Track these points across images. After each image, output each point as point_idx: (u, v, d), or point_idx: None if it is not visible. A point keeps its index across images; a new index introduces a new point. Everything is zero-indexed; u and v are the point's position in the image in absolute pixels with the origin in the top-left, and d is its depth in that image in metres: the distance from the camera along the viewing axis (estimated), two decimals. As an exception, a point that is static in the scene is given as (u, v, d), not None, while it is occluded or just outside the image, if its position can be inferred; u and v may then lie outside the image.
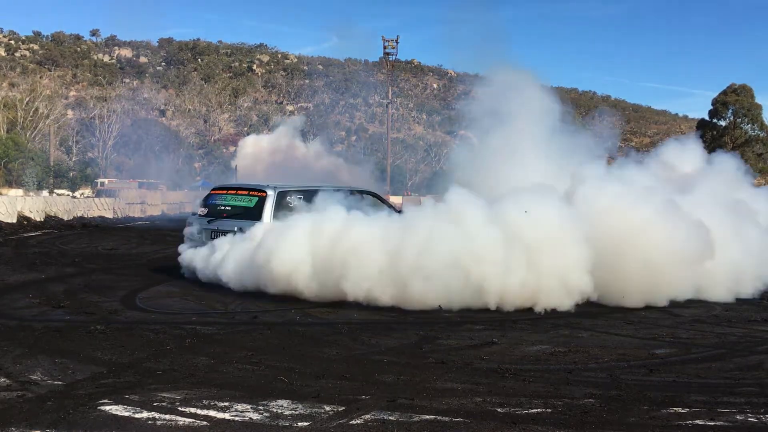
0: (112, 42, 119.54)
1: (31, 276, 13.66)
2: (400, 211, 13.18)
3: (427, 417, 5.35)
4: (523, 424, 5.23)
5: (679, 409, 5.68)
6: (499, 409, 5.59)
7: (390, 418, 5.32)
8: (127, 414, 5.33)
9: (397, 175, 75.63)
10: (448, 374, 6.67)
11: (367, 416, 5.35)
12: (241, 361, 7.07)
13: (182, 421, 5.21)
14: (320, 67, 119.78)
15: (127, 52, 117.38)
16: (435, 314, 10.00)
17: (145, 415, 5.31)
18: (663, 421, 5.37)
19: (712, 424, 5.34)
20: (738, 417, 5.53)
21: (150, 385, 6.10)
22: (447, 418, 5.33)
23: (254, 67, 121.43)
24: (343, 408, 5.54)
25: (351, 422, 5.23)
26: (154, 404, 5.57)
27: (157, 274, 13.89)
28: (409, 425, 5.17)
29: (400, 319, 9.65)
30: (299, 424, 5.17)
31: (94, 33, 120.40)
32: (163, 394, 5.84)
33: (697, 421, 5.39)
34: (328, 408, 5.54)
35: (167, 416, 5.29)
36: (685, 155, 16.06)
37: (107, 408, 5.46)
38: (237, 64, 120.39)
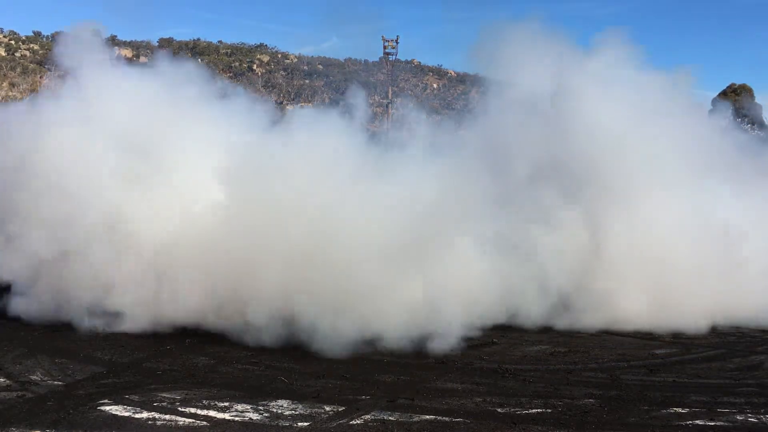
0: (112, 42, 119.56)
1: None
2: None
3: (427, 417, 5.35)
4: (523, 424, 5.23)
5: (679, 409, 5.68)
6: (499, 409, 5.59)
7: (390, 418, 5.32)
8: (127, 414, 5.34)
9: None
10: (448, 374, 6.67)
11: (367, 416, 5.35)
12: (241, 361, 7.07)
13: (182, 421, 5.21)
14: (320, 67, 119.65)
15: (127, 52, 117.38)
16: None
17: (145, 415, 5.32)
18: (663, 421, 5.37)
19: (712, 424, 5.34)
20: (738, 417, 5.53)
21: (150, 385, 6.11)
22: (447, 418, 5.33)
23: (254, 67, 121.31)
24: (343, 408, 5.54)
25: (351, 422, 5.23)
26: (154, 404, 5.57)
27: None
28: (409, 425, 5.17)
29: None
30: (299, 424, 5.17)
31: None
32: (163, 394, 5.84)
33: (697, 421, 5.39)
34: (328, 408, 5.54)
35: (167, 416, 5.30)
36: None
37: (107, 408, 5.46)
38: (237, 64, 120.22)
